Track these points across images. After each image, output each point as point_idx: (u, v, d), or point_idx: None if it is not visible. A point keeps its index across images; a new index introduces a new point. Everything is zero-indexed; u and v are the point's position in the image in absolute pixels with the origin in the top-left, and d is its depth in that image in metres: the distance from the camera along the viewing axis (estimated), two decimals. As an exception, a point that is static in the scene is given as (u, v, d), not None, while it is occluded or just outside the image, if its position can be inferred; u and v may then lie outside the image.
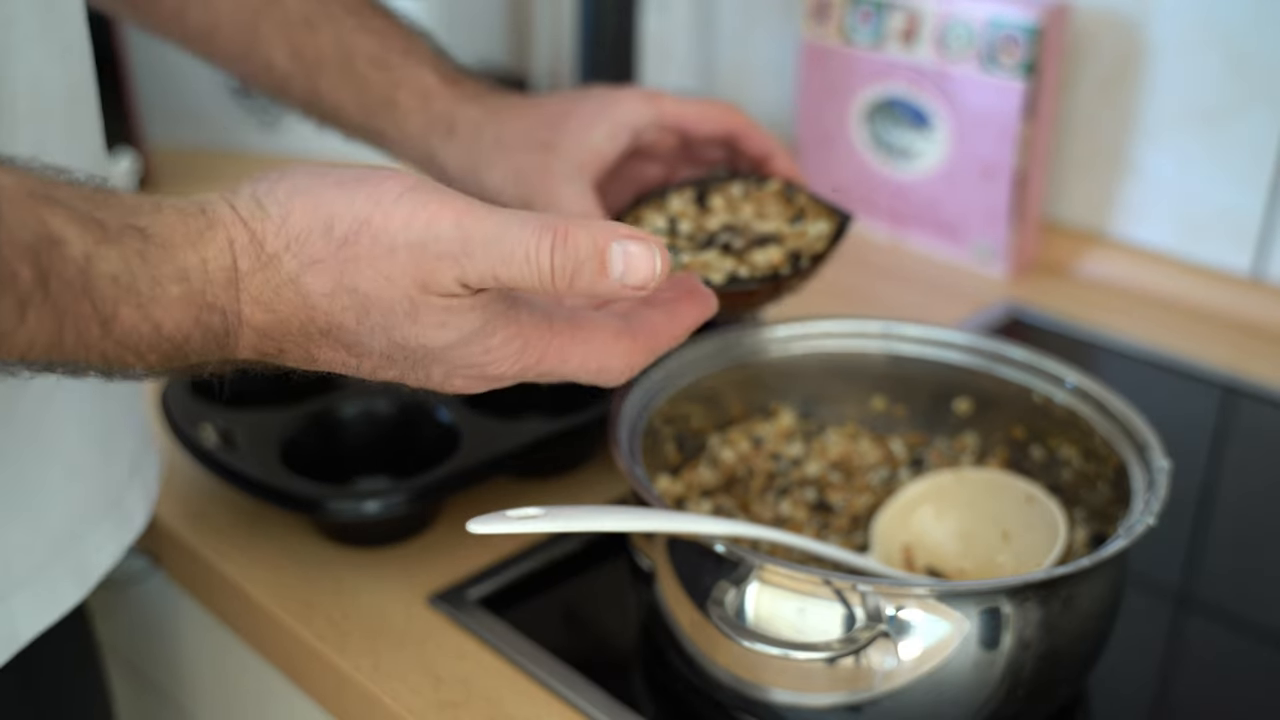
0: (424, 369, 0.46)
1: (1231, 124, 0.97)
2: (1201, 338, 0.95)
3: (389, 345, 0.45)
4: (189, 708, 0.86)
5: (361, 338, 0.44)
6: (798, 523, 0.66)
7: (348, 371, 0.46)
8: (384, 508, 0.64)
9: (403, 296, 0.43)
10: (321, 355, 0.45)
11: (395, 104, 0.68)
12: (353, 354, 0.45)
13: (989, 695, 0.53)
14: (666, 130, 0.67)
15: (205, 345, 0.43)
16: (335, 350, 0.45)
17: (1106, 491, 0.62)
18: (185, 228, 0.43)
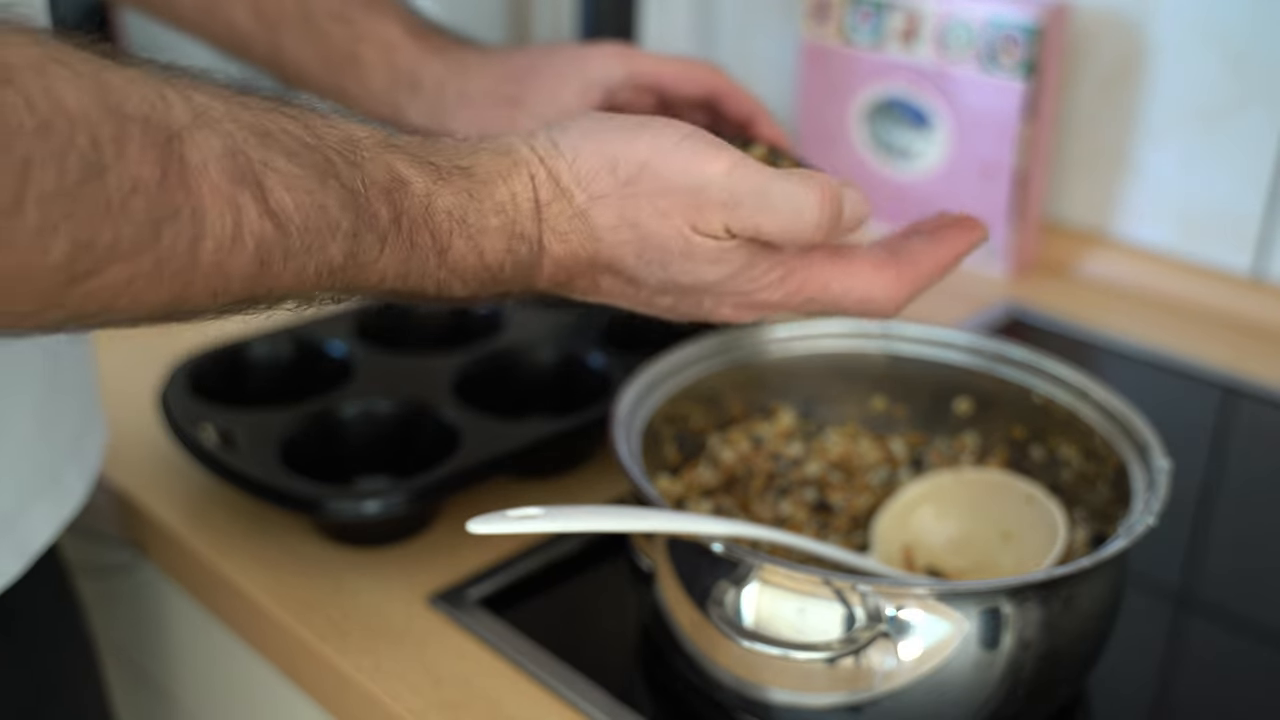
0: (695, 299, 0.51)
1: (1231, 124, 0.97)
2: (1201, 338, 0.95)
3: (664, 277, 0.49)
4: (189, 707, 0.86)
5: (639, 270, 0.49)
6: (798, 523, 0.66)
7: (626, 301, 0.51)
8: (384, 508, 0.64)
9: (676, 234, 0.48)
10: (604, 285, 0.51)
11: (358, 59, 0.67)
12: (631, 285, 0.50)
13: (989, 695, 0.53)
14: (642, 90, 0.65)
15: (515, 272, 0.48)
16: (616, 281, 0.50)
17: (1106, 492, 0.62)
18: (498, 165, 0.47)
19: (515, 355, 0.79)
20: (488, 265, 0.47)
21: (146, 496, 0.73)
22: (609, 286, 0.51)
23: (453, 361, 0.77)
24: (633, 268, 0.49)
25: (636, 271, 0.49)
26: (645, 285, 0.50)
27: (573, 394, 0.78)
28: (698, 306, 0.51)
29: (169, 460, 0.75)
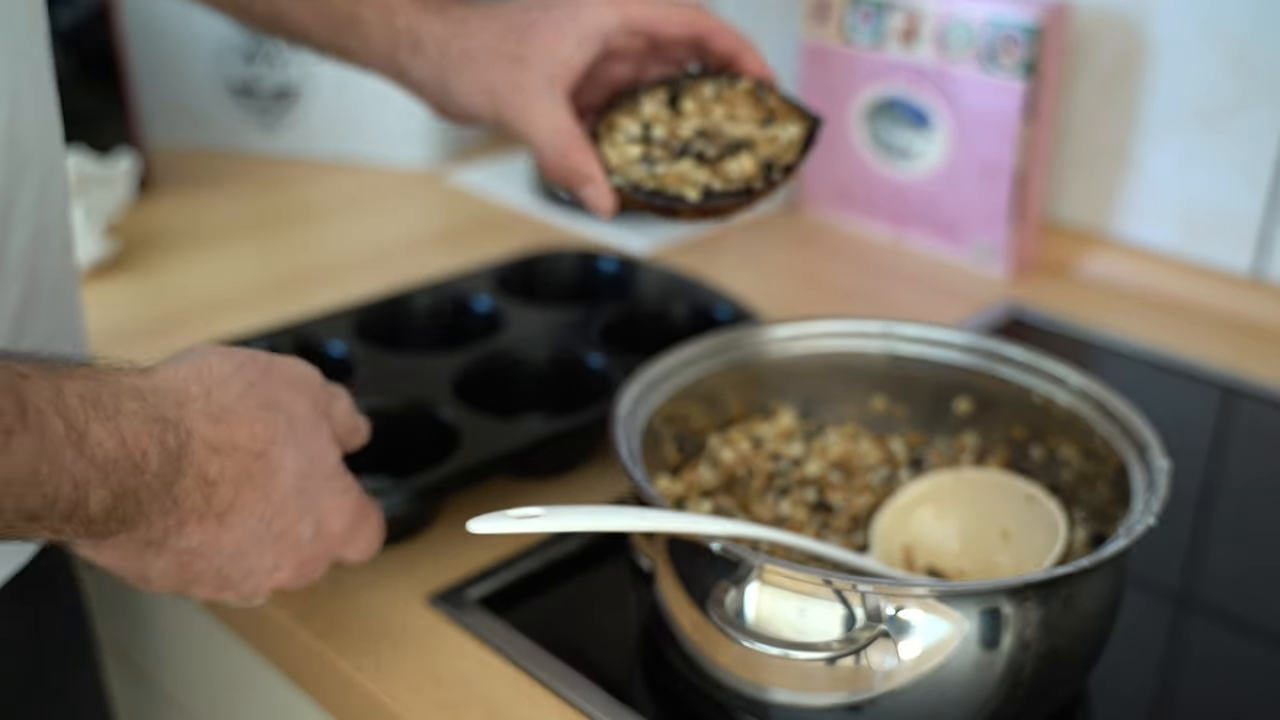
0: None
1: (1232, 124, 0.97)
2: (1201, 338, 0.95)
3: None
4: (189, 707, 0.86)
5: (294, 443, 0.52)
6: (798, 523, 0.66)
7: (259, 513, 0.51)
8: (384, 508, 0.64)
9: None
10: (254, 473, 0.50)
11: (358, 19, 0.68)
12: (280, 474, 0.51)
13: (989, 695, 0.53)
14: (635, 34, 0.67)
15: (163, 463, 0.46)
16: (264, 468, 0.50)
17: (1106, 491, 0.62)
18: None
19: (515, 355, 0.79)
20: (129, 453, 0.44)
21: (146, 496, 0.73)
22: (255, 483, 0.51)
23: (453, 361, 0.77)
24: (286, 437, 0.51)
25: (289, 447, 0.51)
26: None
27: (573, 394, 0.78)
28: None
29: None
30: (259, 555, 0.52)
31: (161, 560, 0.50)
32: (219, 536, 0.50)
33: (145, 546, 0.49)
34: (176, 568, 0.50)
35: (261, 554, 0.52)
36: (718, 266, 1.05)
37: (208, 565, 0.51)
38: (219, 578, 0.52)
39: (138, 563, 0.50)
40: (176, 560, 0.50)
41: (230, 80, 1.24)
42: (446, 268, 0.97)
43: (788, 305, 0.98)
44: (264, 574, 0.53)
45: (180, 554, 0.50)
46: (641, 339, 0.82)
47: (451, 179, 1.23)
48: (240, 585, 0.53)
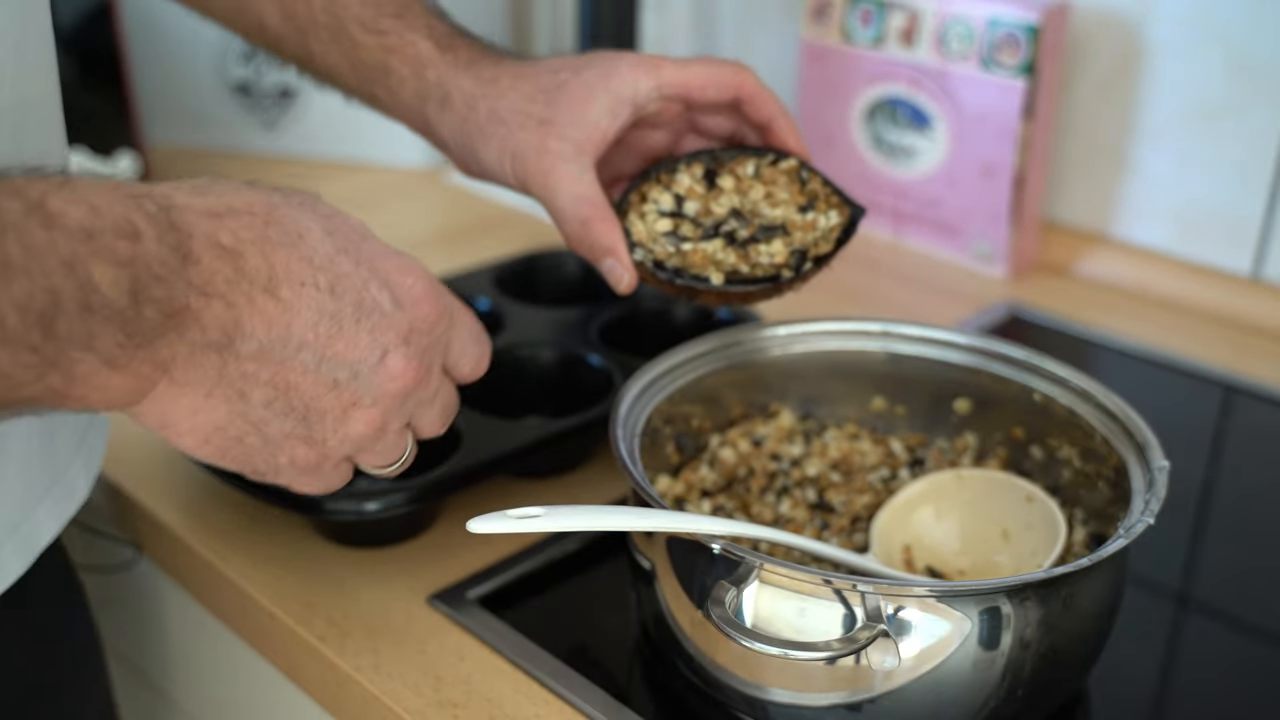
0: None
1: (1231, 124, 0.97)
2: (1201, 338, 0.95)
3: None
4: (188, 707, 0.86)
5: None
6: (798, 523, 0.66)
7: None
8: (384, 508, 0.64)
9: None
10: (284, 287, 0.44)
11: (389, 70, 0.67)
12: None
13: (989, 695, 0.53)
14: (670, 99, 0.65)
15: (156, 230, 0.40)
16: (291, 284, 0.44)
17: (1106, 491, 0.62)
18: None
19: (515, 355, 0.79)
20: (107, 218, 0.39)
21: (146, 496, 0.73)
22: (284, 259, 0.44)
23: (453, 361, 0.77)
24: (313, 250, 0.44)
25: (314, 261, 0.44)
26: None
27: (573, 394, 0.78)
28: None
29: (169, 460, 0.75)
30: (353, 339, 0.45)
31: (252, 379, 0.43)
32: (287, 320, 0.43)
33: (219, 360, 0.42)
34: (276, 388, 0.44)
35: (355, 337, 0.45)
36: (718, 266, 1.05)
37: (305, 372, 0.44)
38: (333, 388, 0.45)
39: (233, 396, 0.43)
40: (268, 375, 0.43)
41: (230, 80, 1.24)
42: (446, 268, 0.97)
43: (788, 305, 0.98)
44: (377, 367, 0.45)
45: (264, 362, 0.43)
46: (641, 339, 0.82)
47: (451, 179, 1.23)
48: (363, 391, 0.45)
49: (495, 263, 0.91)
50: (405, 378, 0.47)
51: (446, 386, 0.51)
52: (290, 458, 0.46)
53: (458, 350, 0.50)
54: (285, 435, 0.45)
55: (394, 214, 1.15)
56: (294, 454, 0.46)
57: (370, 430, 0.47)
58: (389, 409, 0.47)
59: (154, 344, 0.40)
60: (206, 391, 0.43)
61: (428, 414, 0.50)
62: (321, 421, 0.45)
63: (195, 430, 0.44)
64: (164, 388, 0.42)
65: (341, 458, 0.48)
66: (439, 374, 0.50)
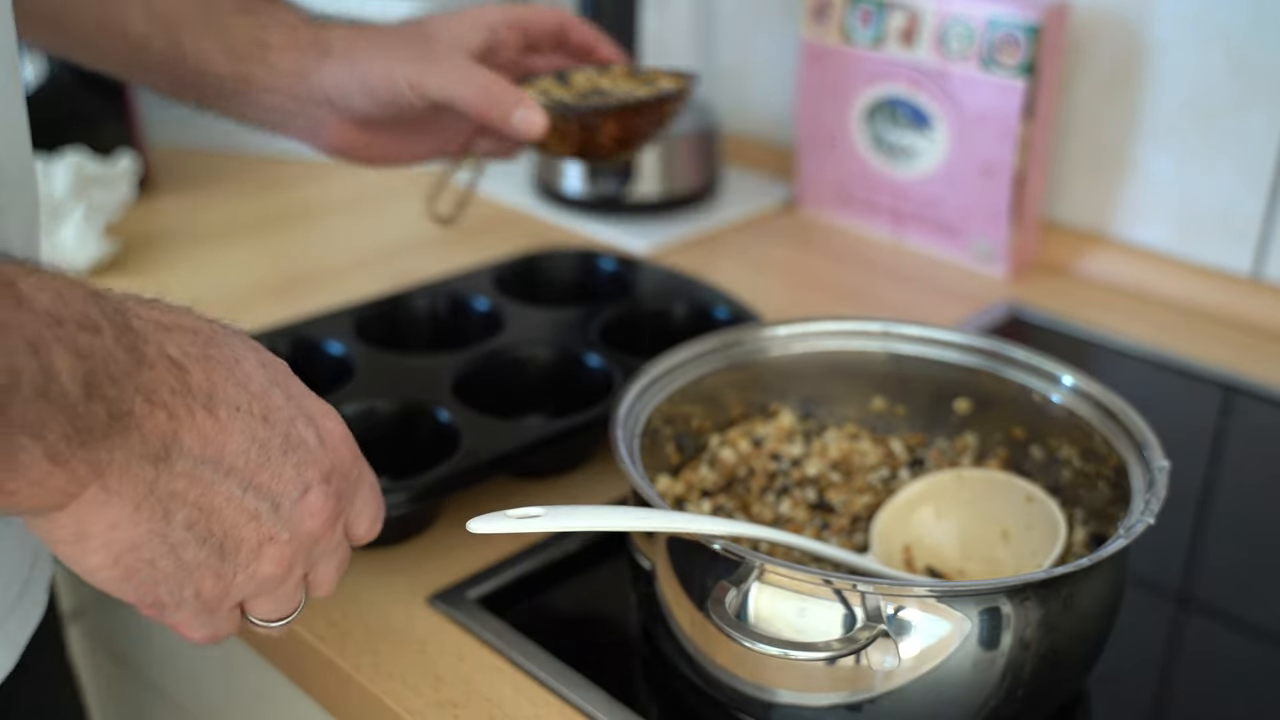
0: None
1: (1231, 124, 0.97)
2: (1201, 338, 0.95)
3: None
4: (188, 706, 0.86)
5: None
6: (798, 523, 0.66)
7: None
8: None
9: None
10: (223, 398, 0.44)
11: (266, 45, 0.72)
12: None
13: (989, 695, 0.53)
14: (512, 27, 0.77)
15: (113, 328, 0.40)
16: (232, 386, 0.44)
17: (1106, 491, 0.62)
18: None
19: (515, 355, 0.79)
20: (71, 308, 0.39)
21: (146, 496, 0.73)
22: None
23: (452, 361, 0.77)
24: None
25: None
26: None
27: (573, 394, 0.78)
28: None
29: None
30: (278, 471, 0.45)
31: (179, 499, 0.42)
32: (221, 442, 0.43)
33: (153, 473, 0.42)
34: (201, 511, 0.43)
35: (280, 469, 0.45)
36: (717, 266, 1.05)
37: (229, 500, 0.44)
38: (254, 519, 0.45)
39: (158, 514, 0.42)
40: (195, 495, 0.43)
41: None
42: (446, 268, 0.97)
43: (788, 305, 0.98)
44: (298, 502, 0.46)
45: (194, 481, 0.43)
46: (641, 339, 0.82)
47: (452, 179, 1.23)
48: (281, 526, 0.45)
49: (495, 263, 0.91)
50: (322, 515, 0.47)
51: (345, 543, 0.50)
52: (196, 590, 0.45)
53: (359, 504, 0.50)
54: (198, 564, 0.44)
55: (394, 214, 1.15)
56: (200, 586, 0.45)
57: (278, 571, 0.46)
58: (299, 549, 0.47)
59: (96, 444, 0.40)
60: (134, 505, 0.42)
61: (326, 566, 0.50)
62: (236, 553, 0.45)
63: (109, 546, 0.42)
64: (93, 493, 0.41)
65: (239, 600, 0.47)
66: (342, 529, 0.50)
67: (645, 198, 1.13)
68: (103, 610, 0.92)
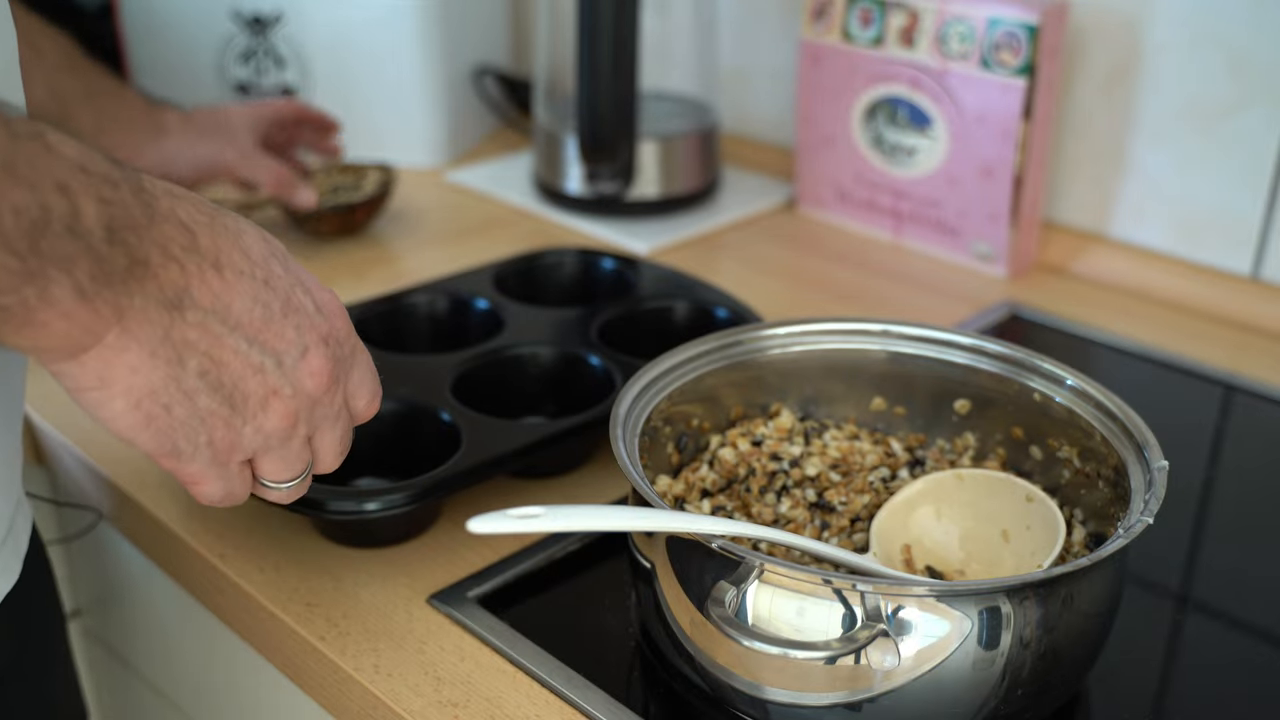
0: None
1: (1231, 124, 0.97)
2: (1201, 338, 0.95)
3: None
4: (187, 707, 0.86)
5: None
6: (798, 523, 0.66)
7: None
8: (384, 508, 0.64)
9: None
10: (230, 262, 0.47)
11: (117, 117, 0.96)
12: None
13: (988, 695, 0.53)
14: (273, 119, 1.07)
15: (129, 185, 0.43)
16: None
17: (1106, 491, 0.62)
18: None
19: (515, 355, 0.79)
20: (92, 163, 0.42)
21: (146, 496, 0.73)
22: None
23: (453, 361, 0.77)
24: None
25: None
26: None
27: (573, 394, 0.78)
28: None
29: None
30: (280, 330, 0.48)
31: (192, 347, 0.45)
32: (228, 299, 0.46)
33: (168, 319, 0.45)
34: (211, 360, 0.46)
35: (282, 329, 0.48)
36: (717, 266, 1.05)
37: (236, 353, 0.47)
38: (259, 372, 0.48)
39: (173, 359, 0.45)
40: (206, 345, 0.46)
41: (230, 80, 1.24)
42: (446, 268, 0.97)
43: (788, 305, 0.98)
44: (299, 361, 0.49)
45: (205, 332, 0.46)
46: (641, 339, 0.82)
47: (452, 178, 1.23)
48: (284, 381, 0.48)
49: (495, 263, 0.91)
50: (322, 375, 0.50)
51: (346, 415, 0.53)
52: (209, 438, 0.48)
53: (357, 379, 0.53)
54: (210, 412, 0.47)
55: (393, 214, 1.15)
56: (213, 434, 0.48)
57: (283, 426, 0.49)
58: (302, 408, 0.50)
59: (118, 287, 0.43)
60: (151, 350, 0.45)
61: (329, 434, 0.52)
62: (245, 404, 0.48)
63: (129, 391, 0.45)
64: (114, 337, 0.44)
65: (249, 454, 0.50)
66: (342, 397, 0.52)
67: (645, 198, 1.13)
68: (103, 610, 0.92)
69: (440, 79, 1.23)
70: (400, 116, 1.23)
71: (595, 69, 1.02)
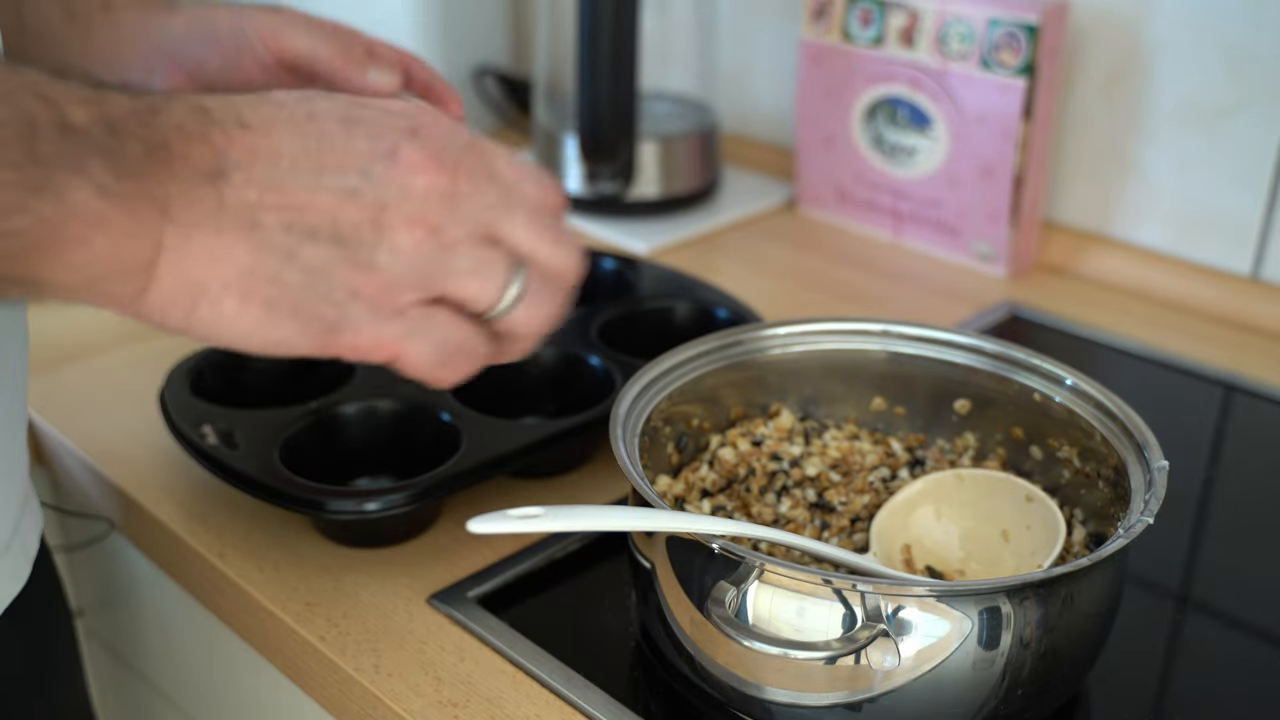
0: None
1: (1231, 124, 0.97)
2: (1201, 338, 0.95)
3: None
4: (187, 707, 0.86)
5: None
6: (798, 523, 0.66)
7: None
8: (384, 508, 0.64)
9: None
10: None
11: (109, 4, 0.66)
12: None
13: (988, 695, 0.53)
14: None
15: (130, 98, 0.39)
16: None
17: (1106, 491, 0.62)
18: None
19: (515, 355, 0.79)
20: (79, 75, 0.39)
21: (146, 496, 0.73)
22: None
23: (453, 361, 0.77)
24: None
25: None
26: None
27: (573, 394, 0.78)
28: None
29: (169, 460, 0.75)
30: (346, 147, 0.40)
31: (258, 207, 0.39)
32: (269, 144, 0.40)
33: (215, 192, 0.38)
34: (287, 210, 0.39)
35: (348, 144, 0.40)
36: (718, 266, 1.05)
37: (310, 190, 0.39)
38: (350, 196, 0.40)
39: (244, 226, 0.39)
40: (273, 199, 0.39)
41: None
42: (446, 268, 0.97)
43: (788, 305, 0.98)
44: (390, 164, 0.41)
45: (263, 189, 0.39)
46: (641, 339, 0.82)
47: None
48: (385, 191, 0.40)
49: (495, 263, 0.91)
50: (426, 166, 0.41)
51: (517, 201, 0.43)
52: (349, 290, 0.40)
53: (498, 166, 0.43)
54: (325, 260, 0.40)
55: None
56: (349, 282, 0.40)
57: (418, 234, 0.41)
58: (429, 209, 0.41)
59: (144, 178, 0.38)
60: (215, 229, 0.39)
61: (509, 224, 0.43)
62: (357, 234, 0.40)
63: (226, 284, 0.39)
64: (172, 237, 0.38)
65: (414, 287, 0.41)
66: (491, 189, 0.42)
67: (645, 198, 1.13)
68: (103, 610, 0.92)
69: (440, 79, 1.23)
70: (400, 116, 1.23)
71: (595, 69, 1.02)
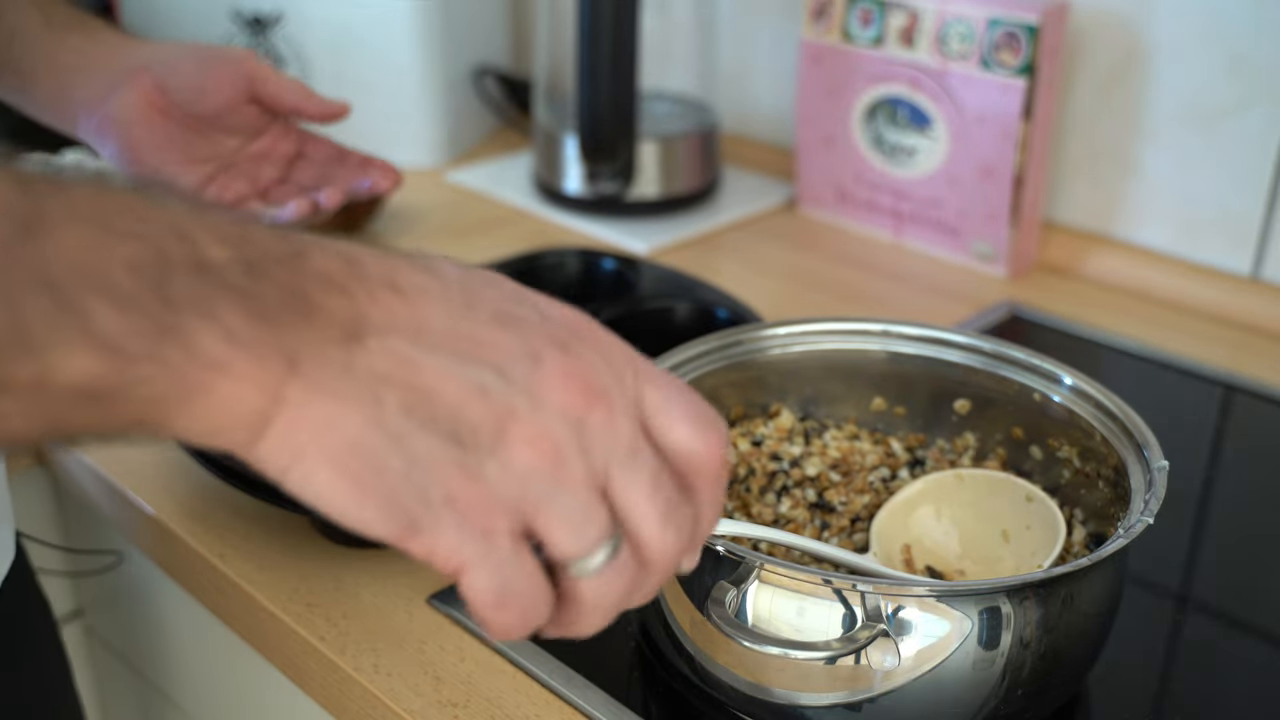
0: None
1: (1231, 124, 0.97)
2: (1201, 338, 0.95)
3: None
4: (188, 707, 0.86)
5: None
6: (798, 523, 0.66)
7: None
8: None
9: None
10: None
11: (86, 22, 0.69)
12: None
13: (988, 695, 0.53)
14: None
15: (272, 237, 0.36)
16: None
17: (1106, 491, 0.62)
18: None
19: (515, 355, 0.79)
20: (219, 208, 0.37)
21: (146, 496, 0.73)
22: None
23: (453, 361, 0.77)
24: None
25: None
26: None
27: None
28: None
29: (170, 461, 0.75)
30: (493, 340, 0.38)
31: (384, 381, 0.36)
32: (413, 314, 0.37)
33: (346, 355, 0.36)
34: (414, 392, 0.36)
35: (496, 337, 0.38)
36: (718, 266, 1.05)
37: (443, 375, 0.36)
38: (482, 394, 0.37)
39: (366, 399, 0.36)
40: (402, 375, 0.36)
41: (230, 80, 1.24)
42: (446, 268, 0.97)
43: (788, 305, 0.98)
44: (532, 371, 0.37)
45: (395, 360, 0.36)
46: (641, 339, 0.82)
47: (452, 178, 1.23)
48: (518, 398, 0.37)
49: (495, 263, 0.91)
50: (570, 386, 0.38)
51: (651, 452, 0.39)
52: (445, 492, 0.36)
53: (656, 400, 0.40)
54: (433, 456, 0.36)
55: (393, 214, 1.15)
56: (449, 485, 0.36)
57: (537, 457, 0.37)
58: (560, 432, 0.37)
59: (277, 328, 0.35)
60: (337, 394, 0.36)
61: (627, 477, 0.38)
62: (475, 437, 0.36)
63: (330, 454, 0.36)
64: (295, 392, 0.35)
65: (511, 510, 0.37)
66: (631, 424, 0.39)
67: (645, 198, 1.13)
68: (103, 610, 0.92)
69: (440, 79, 1.23)
70: (400, 116, 1.23)
71: (595, 69, 1.02)
